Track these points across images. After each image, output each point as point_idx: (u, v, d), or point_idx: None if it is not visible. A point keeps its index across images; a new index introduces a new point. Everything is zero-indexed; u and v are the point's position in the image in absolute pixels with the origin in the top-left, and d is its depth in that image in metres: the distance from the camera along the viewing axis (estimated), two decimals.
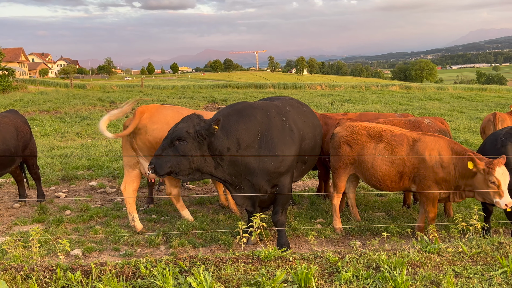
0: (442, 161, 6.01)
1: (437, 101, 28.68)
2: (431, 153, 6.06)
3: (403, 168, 6.22)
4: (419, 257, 4.46)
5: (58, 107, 21.99)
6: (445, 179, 6.04)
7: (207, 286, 3.71)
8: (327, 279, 4.08)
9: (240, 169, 5.70)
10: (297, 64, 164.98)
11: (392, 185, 6.39)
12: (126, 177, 6.70)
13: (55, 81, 51.05)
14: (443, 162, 6.01)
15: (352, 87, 40.13)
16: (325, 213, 7.40)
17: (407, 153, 6.17)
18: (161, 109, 6.62)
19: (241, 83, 43.94)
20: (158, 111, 6.53)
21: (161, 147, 5.50)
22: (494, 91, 40.04)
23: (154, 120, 6.38)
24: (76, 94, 29.05)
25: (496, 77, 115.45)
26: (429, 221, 6.26)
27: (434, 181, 6.07)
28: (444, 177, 6.02)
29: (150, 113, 6.44)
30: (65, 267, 4.06)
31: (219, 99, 27.68)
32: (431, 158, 6.04)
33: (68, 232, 6.44)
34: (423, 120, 7.27)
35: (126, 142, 6.58)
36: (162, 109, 6.63)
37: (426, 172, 6.06)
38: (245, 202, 6.00)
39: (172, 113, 6.59)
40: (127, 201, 6.60)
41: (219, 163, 5.61)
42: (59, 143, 13.74)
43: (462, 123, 18.18)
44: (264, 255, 4.41)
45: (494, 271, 4.21)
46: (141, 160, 6.60)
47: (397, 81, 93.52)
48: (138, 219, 6.62)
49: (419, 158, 6.09)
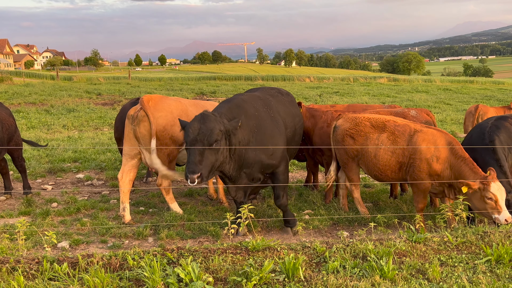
0: (439, 155, 6.03)
1: (425, 93, 28.92)
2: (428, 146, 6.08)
3: (402, 158, 6.26)
4: (405, 246, 4.51)
5: (44, 99, 21.71)
6: (438, 174, 6.06)
7: (195, 276, 3.71)
8: (314, 268, 4.11)
9: (241, 163, 5.80)
10: (286, 56, 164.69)
11: (392, 175, 6.44)
12: (124, 166, 6.74)
13: (41, 73, 50.34)
14: (439, 156, 6.03)
15: (341, 80, 40.26)
16: (313, 204, 7.43)
17: (407, 144, 6.20)
18: (165, 98, 6.81)
19: (230, 75, 43.83)
20: (162, 100, 6.70)
21: (197, 153, 5.23)
22: (481, 83, 40.50)
23: (159, 108, 6.53)
24: (63, 86, 28.70)
25: (482, 70, 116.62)
26: (417, 211, 6.33)
27: (428, 173, 6.10)
28: (438, 171, 6.05)
29: (155, 102, 6.58)
30: (52, 259, 4.03)
31: (208, 91, 27.57)
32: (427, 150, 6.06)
33: (55, 225, 6.39)
34: (409, 112, 7.32)
35: (130, 131, 6.65)
36: (165, 98, 6.82)
37: (421, 163, 6.09)
38: (238, 194, 6.08)
39: (175, 103, 6.79)
40: (122, 190, 6.60)
41: (231, 158, 5.66)
42: (45, 135, 13.59)
43: (448, 115, 18.36)
44: (252, 245, 4.43)
45: (479, 260, 4.27)
46: (142, 150, 6.64)
47: (385, 73, 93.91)
48: (128, 210, 6.62)
49: (415, 149, 6.12)
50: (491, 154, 6.15)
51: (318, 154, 7.78)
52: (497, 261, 4.24)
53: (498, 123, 6.50)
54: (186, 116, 6.70)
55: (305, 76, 42.24)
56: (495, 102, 24.07)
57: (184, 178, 5.40)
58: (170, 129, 6.52)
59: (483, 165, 5.98)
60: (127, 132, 6.70)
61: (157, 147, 6.41)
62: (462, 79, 44.05)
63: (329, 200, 7.54)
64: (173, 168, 6.78)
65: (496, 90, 32.65)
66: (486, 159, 6.14)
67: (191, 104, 7.06)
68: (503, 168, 6.06)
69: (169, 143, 6.52)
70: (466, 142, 6.55)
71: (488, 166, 5.94)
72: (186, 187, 8.46)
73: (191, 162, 5.20)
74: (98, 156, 10.49)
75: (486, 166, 5.93)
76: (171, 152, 6.61)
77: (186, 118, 6.68)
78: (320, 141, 7.47)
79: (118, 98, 22.95)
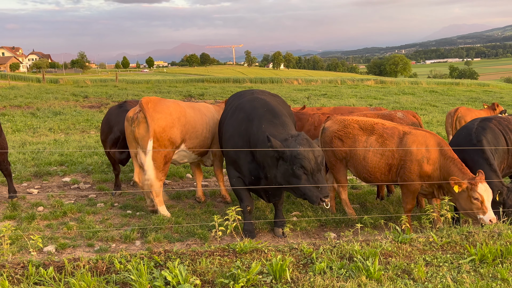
0: (429, 157, 6.11)
1: (411, 95, 29.17)
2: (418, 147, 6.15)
3: (392, 160, 6.32)
4: (391, 247, 4.56)
5: (30, 102, 21.45)
6: (429, 175, 6.13)
7: (182, 279, 3.71)
8: (301, 270, 4.13)
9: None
10: (274, 58, 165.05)
11: (381, 177, 6.50)
12: (136, 168, 6.94)
13: (26, 76, 49.77)
14: (429, 157, 6.10)
15: (328, 82, 40.43)
16: (300, 206, 7.46)
17: (397, 146, 6.27)
18: (164, 100, 6.93)
19: (218, 78, 43.75)
20: (161, 102, 6.83)
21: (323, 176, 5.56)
22: (466, 85, 40.99)
23: (158, 109, 6.64)
24: (49, 89, 28.39)
25: (468, 72, 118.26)
26: (405, 212, 6.40)
27: (418, 174, 6.17)
28: (428, 173, 6.12)
29: (154, 103, 6.69)
30: (37, 263, 4.00)
31: (196, 93, 27.50)
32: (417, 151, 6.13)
33: (40, 229, 6.33)
34: (396, 114, 7.41)
35: (130, 133, 6.77)
36: (164, 101, 6.94)
37: (412, 165, 6.15)
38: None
39: (174, 105, 6.90)
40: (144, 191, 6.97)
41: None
42: (31, 138, 13.43)
43: (435, 117, 18.56)
44: (239, 247, 4.44)
45: (463, 259, 4.34)
46: (139, 151, 6.73)
47: (372, 75, 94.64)
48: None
49: (406, 150, 6.18)
50: (480, 153, 6.27)
51: None
52: (481, 261, 4.31)
53: (483, 124, 6.65)
54: (184, 118, 6.79)
55: (293, 78, 42.36)
56: (480, 104, 24.39)
57: (316, 202, 5.47)
58: (169, 130, 6.61)
59: (472, 165, 6.08)
60: (127, 134, 6.86)
61: (154, 149, 6.49)
62: (448, 81, 44.54)
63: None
64: (167, 170, 6.85)
65: (481, 92, 33.09)
66: (475, 159, 6.26)
67: (188, 106, 7.20)
68: (492, 166, 6.17)
69: (167, 144, 6.63)
70: (454, 143, 6.66)
71: (478, 165, 6.05)
72: (173, 190, 8.44)
73: (323, 187, 5.43)
74: (85, 160, 10.40)
75: (475, 165, 6.04)
76: (168, 154, 6.67)
77: (185, 120, 6.77)
78: None
79: (105, 101, 22.78)
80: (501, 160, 6.58)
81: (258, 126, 5.94)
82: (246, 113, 6.23)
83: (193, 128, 6.94)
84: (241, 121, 6.21)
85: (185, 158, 7.23)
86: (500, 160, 6.55)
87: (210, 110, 7.58)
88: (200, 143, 7.10)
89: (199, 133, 7.03)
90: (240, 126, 6.19)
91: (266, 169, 5.86)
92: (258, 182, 6.13)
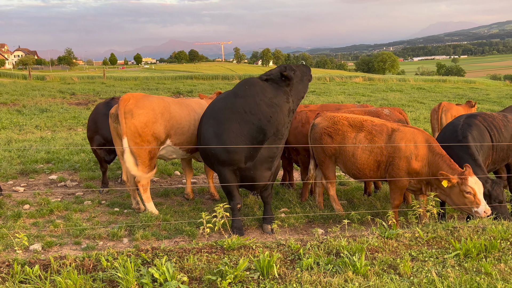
0: (417, 153, 6.16)
1: (399, 92, 29.38)
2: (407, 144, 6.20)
3: (380, 157, 6.36)
4: (377, 242, 4.60)
5: (16, 99, 21.18)
6: (417, 171, 6.19)
7: (169, 276, 3.71)
8: (289, 266, 4.15)
9: None
10: (263, 55, 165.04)
11: (370, 173, 6.54)
12: (124, 167, 6.87)
13: (12, 73, 49.01)
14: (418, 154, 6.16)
15: (317, 79, 40.49)
16: (289, 203, 7.49)
17: (386, 143, 6.31)
18: (147, 96, 6.84)
19: (207, 75, 43.57)
20: (143, 97, 6.75)
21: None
22: (453, 82, 41.40)
23: (140, 105, 6.57)
24: (35, 86, 28.04)
25: (455, 69, 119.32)
26: (393, 207, 6.46)
27: (406, 171, 6.23)
28: (417, 169, 6.18)
29: (136, 99, 6.63)
30: (23, 262, 3.96)
31: (184, 90, 27.37)
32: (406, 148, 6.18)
33: (27, 227, 6.27)
34: (382, 110, 7.46)
35: (113, 129, 6.75)
36: (148, 96, 6.85)
37: (400, 162, 6.21)
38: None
39: (157, 100, 6.80)
40: (130, 189, 6.97)
41: None
42: (17, 136, 13.27)
43: (422, 114, 18.73)
44: (227, 244, 4.44)
45: (448, 254, 4.40)
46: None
47: (360, 72, 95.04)
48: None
49: (395, 147, 6.24)
50: (465, 149, 6.37)
51: (293, 153, 7.85)
52: (465, 255, 4.37)
53: (469, 121, 6.76)
54: (168, 113, 6.73)
55: None
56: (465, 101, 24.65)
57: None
58: (151, 126, 6.55)
59: (458, 161, 6.17)
60: (111, 131, 6.83)
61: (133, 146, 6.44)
62: (435, 78, 44.92)
63: (305, 198, 7.62)
64: (154, 165, 6.79)
65: (468, 89, 33.46)
66: (460, 154, 6.36)
67: (175, 103, 7.07)
68: (477, 161, 6.28)
69: (151, 139, 6.57)
70: (440, 140, 6.74)
71: (463, 161, 6.14)
72: (162, 187, 8.41)
73: None
74: (72, 157, 10.32)
75: (461, 161, 6.13)
76: (153, 149, 6.61)
77: (169, 116, 6.71)
78: (295, 141, 7.54)
79: (92, 98, 22.58)
80: (486, 156, 6.69)
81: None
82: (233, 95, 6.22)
83: (179, 124, 6.87)
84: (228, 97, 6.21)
85: (174, 154, 7.18)
86: (485, 156, 6.66)
87: (202, 106, 7.47)
88: (188, 140, 7.04)
89: (185, 129, 6.96)
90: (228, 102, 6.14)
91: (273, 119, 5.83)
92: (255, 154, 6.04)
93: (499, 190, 6.13)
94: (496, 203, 6.11)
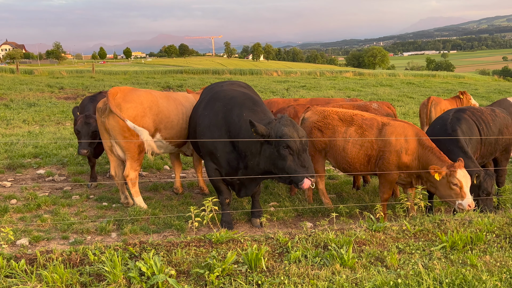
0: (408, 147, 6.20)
1: (389, 87, 29.51)
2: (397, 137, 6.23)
3: (371, 151, 6.38)
4: (365, 235, 4.63)
5: (3, 94, 20.93)
6: (407, 165, 6.23)
7: (157, 270, 3.69)
8: (277, 259, 4.16)
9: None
10: (254, 50, 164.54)
11: (360, 168, 6.56)
12: (112, 162, 6.86)
13: None
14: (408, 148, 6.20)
15: (308, 74, 40.54)
16: (278, 197, 7.51)
17: (376, 137, 6.33)
18: (135, 90, 6.79)
19: (197, 69, 43.38)
20: (131, 91, 6.69)
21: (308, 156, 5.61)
22: (442, 77, 41.69)
23: (128, 99, 6.51)
24: (23, 80, 27.72)
25: (444, 64, 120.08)
26: (382, 201, 6.49)
27: (397, 165, 6.26)
28: (407, 163, 6.21)
29: (124, 93, 6.58)
30: (9, 256, 3.93)
31: (174, 84, 27.25)
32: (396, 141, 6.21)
33: (13, 222, 6.22)
34: (371, 105, 7.49)
35: (101, 124, 6.68)
36: (136, 90, 6.80)
37: (391, 156, 6.24)
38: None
39: (145, 94, 6.75)
40: (118, 184, 6.94)
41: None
42: (4, 130, 13.13)
43: (411, 108, 18.84)
44: (216, 238, 4.44)
45: (435, 247, 4.43)
46: (113, 142, 6.66)
47: (350, 67, 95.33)
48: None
49: (385, 141, 6.26)
50: (455, 143, 6.43)
51: None
52: (452, 248, 4.42)
53: (458, 115, 6.83)
54: (156, 107, 6.69)
55: (272, 70, 42.29)
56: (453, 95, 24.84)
57: (302, 182, 5.42)
58: (140, 120, 6.50)
59: (447, 154, 6.24)
60: (99, 125, 6.78)
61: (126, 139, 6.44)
62: (425, 73, 45.17)
63: (294, 192, 7.64)
64: (141, 159, 6.78)
65: (457, 84, 33.70)
66: (450, 148, 6.42)
67: (163, 97, 7.03)
68: (467, 154, 6.35)
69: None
70: (430, 134, 6.79)
71: (452, 154, 6.21)
72: (151, 182, 8.38)
73: (309, 166, 5.46)
74: (60, 152, 10.23)
75: (450, 154, 6.20)
76: (142, 143, 6.56)
77: (157, 110, 6.67)
78: None
79: (81, 92, 22.38)
80: (475, 150, 6.76)
81: (239, 114, 5.91)
82: (223, 103, 6.18)
83: (167, 118, 6.83)
84: (218, 111, 6.15)
85: (162, 149, 7.15)
86: (474, 150, 6.73)
87: (189, 100, 7.46)
88: (177, 134, 7.02)
89: (174, 123, 6.93)
90: (217, 115, 6.13)
91: (247, 157, 5.82)
92: (236, 173, 6.11)
93: (490, 183, 6.21)
94: (483, 195, 6.18)
